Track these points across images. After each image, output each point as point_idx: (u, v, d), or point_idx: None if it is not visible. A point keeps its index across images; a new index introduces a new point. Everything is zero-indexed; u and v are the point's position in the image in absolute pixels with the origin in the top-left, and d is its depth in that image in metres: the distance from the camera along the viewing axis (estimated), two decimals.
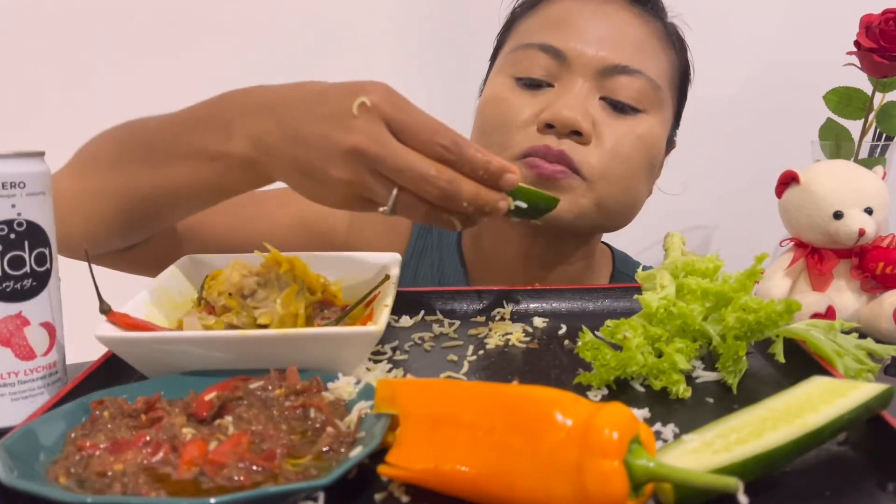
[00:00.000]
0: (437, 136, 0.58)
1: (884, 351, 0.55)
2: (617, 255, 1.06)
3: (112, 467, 0.42)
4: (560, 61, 0.82)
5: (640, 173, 0.85)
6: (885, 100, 1.00)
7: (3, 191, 0.53)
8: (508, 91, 0.83)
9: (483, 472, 0.40)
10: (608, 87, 0.82)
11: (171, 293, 0.67)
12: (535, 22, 0.87)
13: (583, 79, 0.81)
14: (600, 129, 0.81)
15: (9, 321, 0.54)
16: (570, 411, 0.39)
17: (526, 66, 0.83)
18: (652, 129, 0.84)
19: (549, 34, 0.83)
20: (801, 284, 0.77)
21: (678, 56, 0.90)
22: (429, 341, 0.67)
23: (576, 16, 0.84)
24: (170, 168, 0.69)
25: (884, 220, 0.75)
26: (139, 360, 0.57)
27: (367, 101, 0.57)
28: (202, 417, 0.49)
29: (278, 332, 0.54)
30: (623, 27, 0.84)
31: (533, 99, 0.82)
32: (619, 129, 0.81)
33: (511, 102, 0.82)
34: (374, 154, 0.57)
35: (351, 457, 0.43)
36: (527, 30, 0.87)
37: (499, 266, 0.94)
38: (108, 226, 0.75)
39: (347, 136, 0.57)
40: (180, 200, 0.72)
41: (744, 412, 0.45)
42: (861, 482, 0.43)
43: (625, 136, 0.81)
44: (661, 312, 0.58)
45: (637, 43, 0.84)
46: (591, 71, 0.81)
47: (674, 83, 0.90)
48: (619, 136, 0.81)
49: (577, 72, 0.81)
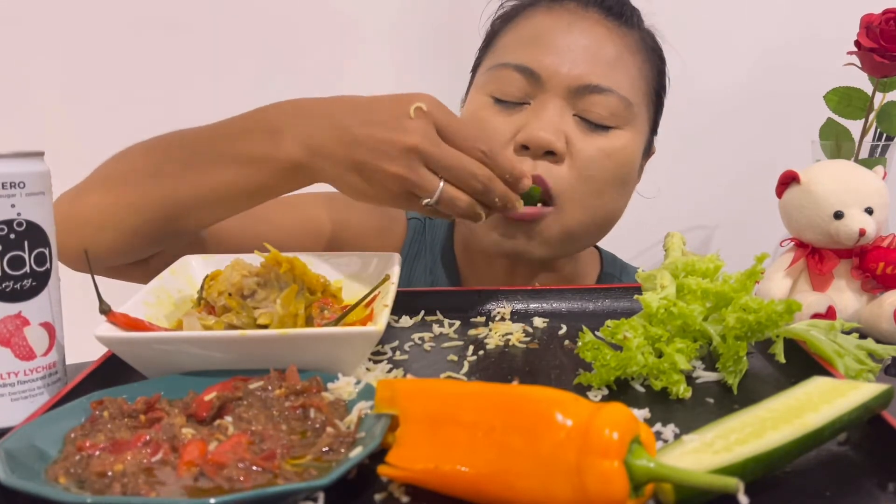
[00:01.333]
0: (478, 141, 0.68)
1: (884, 351, 0.55)
2: (605, 256, 1.07)
3: (112, 467, 0.42)
4: (534, 80, 0.84)
5: (610, 191, 0.87)
6: (885, 100, 1.00)
7: (3, 191, 0.53)
8: (486, 111, 0.86)
9: (483, 472, 0.40)
10: (581, 105, 0.84)
11: (171, 293, 0.67)
12: (512, 38, 0.89)
13: (556, 97, 0.84)
14: (573, 146, 0.83)
15: (9, 321, 0.54)
16: (570, 411, 0.39)
17: (502, 85, 0.85)
18: (625, 145, 0.86)
19: (524, 52, 0.86)
20: (801, 284, 0.77)
21: (653, 65, 0.92)
22: (429, 341, 0.67)
23: (550, 33, 0.86)
24: (214, 173, 0.73)
25: (884, 220, 0.75)
26: (139, 360, 0.57)
27: (423, 107, 0.67)
28: (202, 417, 0.49)
29: (278, 332, 0.54)
30: (597, 43, 0.86)
31: (510, 118, 0.85)
32: (591, 146, 0.84)
33: (488, 122, 0.85)
34: (429, 152, 0.66)
35: (351, 457, 0.43)
36: (504, 47, 0.89)
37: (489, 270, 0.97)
38: (143, 236, 0.78)
39: (406, 136, 0.66)
40: (221, 204, 0.76)
41: (744, 412, 0.45)
42: (861, 482, 0.43)
43: (596, 153, 0.84)
44: (662, 312, 0.58)
45: (610, 60, 0.86)
46: (564, 90, 0.84)
47: (649, 94, 0.91)
48: (590, 154, 0.84)
49: (551, 90, 0.84)
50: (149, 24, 1.41)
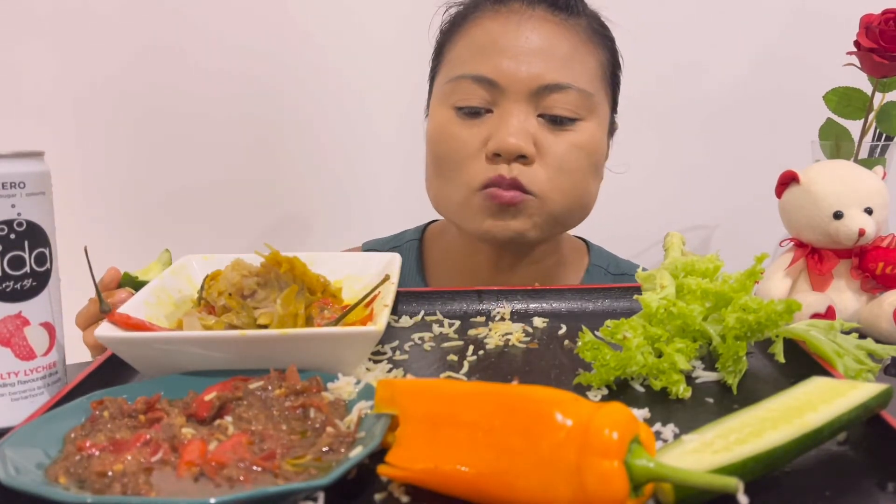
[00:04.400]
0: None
1: (884, 351, 0.55)
2: (592, 248, 1.09)
3: (112, 467, 0.42)
4: (494, 88, 0.86)
5: (586, 177, 0.90)
6: (885, 100, 1.00)
7: (3, 191, 0.53)
8: (452, 123, 0.89)
9: (483, 472, 0.40)
10: (543, 104, 0.86)
11: (172, 293, 0.67)
12: (464, 48, 0.90)
13: (519, 102, 0.86)
14: (542, 146, 0.86)
15: (9, 321, 0.54)
16: (570, 411, 0.39)
17: (463, 97, 0.88)
18: (592, 134, 0.89)
19: (478, 62, 0.87)
20: (801, 284, 0.77)
21: (605, 49, 0.93)
22: (429, 341, 0.67)
23: (501, 38, 0.87)
24: None
25: (884, 220, 0.75)
26: (139, 360, 0.57)
27: None
28: (202, 417, 0.49)
29: (278, 332, 0.54)
30: (548, 41, 0.88)
31: (476, 128, 0.87)
32: (560, 143, 0.87)
33: (457, 136, 0.88)
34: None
35: (351, 457, 0.43)
36: (457, 57, 0.91)
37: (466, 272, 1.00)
38: None
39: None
40: None
41: (743, 412, 0.45)
42: (861, 482, 0.43)
43: (566, 149, 0.87)
44: (661, 312, 0.58)
45: (564, 55, 0.87)
46: (524, 93, 0.86)
47: (605, 79, 0.93)
48: (561, 151, 0.87)
49: (512, 96, 0.86)
50: (149, 24, 1.41)
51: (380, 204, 1.54)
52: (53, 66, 1.39)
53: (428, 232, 1.10)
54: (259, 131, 1.48)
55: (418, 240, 1.08)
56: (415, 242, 1.08)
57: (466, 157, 0.87)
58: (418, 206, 1.13)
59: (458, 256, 1.01)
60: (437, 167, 0.91)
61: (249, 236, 1.50)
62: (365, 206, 1.55)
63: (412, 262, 1.05)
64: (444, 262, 1.04)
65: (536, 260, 0.98)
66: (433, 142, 0.91)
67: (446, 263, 1.04)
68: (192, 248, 0.79)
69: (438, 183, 0.92)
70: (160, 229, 1.46)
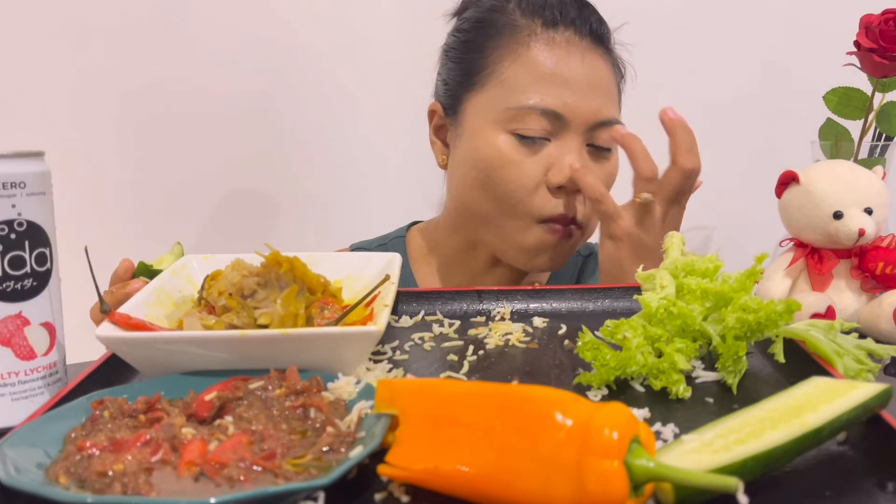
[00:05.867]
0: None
1: (883, 351, 0.55)
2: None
3: (112, 467, 0.42)
4: (558, 121, 0.91)
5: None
6: (884, 100, 1.00)
7: (3, 191, 0.53)
8: (512, 151, 0.91)
9: (483, 472, 0.40)
10: (593, 135, 0.93)
11: (172, 293, 0.67)
12: (522, 72, 0.92)
13: (577, 134, 0.92)
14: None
15: (9, 321, 0.54)
16: (570, 411, 0.39)
17: (526, 125, 0.91)
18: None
19: (544, 93, 0.90)
20: (801, 284, 0.77)
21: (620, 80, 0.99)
22: (429, 341, 0.67)
23: (564, 71, 0.91)
24: None
25: (884, 220, 0.75)
26: (139, 360, 0.57)
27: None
28: (202, 417, 0.49)
29: (278, 332, 0.54)
30: (600, 75, 0.93)
31: (536, 156, 0.91)
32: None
33: (520, 166, 0.91)
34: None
35: (351, 457, 0.43)
36: (516, 81, 0.92)
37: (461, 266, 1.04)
38: None
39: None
40: None
41: (743, 412, 0.45)
42: (861, 482, 0.43)
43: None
44: (661, 312, 0.58)
45: (610, 89, 0.95)
46: (583, 127, 0.92)
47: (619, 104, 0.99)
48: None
49: (573, 129, 0.91)
50: (150, 24, 1.41)
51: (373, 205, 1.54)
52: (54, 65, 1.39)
53: (412, 231, 1.13)
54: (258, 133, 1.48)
55: (403, 237, 1.11)
56: (401, 240, 1.11)
57: (529, 187, 0.91)
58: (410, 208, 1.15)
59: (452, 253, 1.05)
60: (490, 192, 0.93)
61: (249, 236, 1.50)
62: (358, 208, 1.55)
63: None
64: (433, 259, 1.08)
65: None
66: (488, 164, 0.92)
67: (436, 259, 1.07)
68: (192, 249, 0.79)
69: (491, 207, 0.93)
70: (160, 229, 1.46)
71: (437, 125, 1.02)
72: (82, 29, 1.40)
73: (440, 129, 1.01)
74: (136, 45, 1.41)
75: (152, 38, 1.41)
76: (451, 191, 1.01)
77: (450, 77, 0.99)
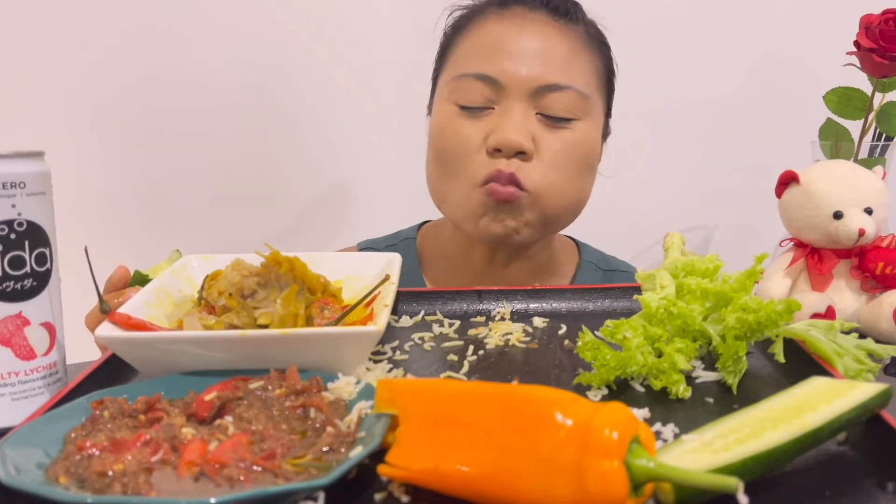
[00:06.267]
0: None
1: (883, 351, 0.55)
2: (582, 246, 1.11)
3: (112, 467, 0.42)
4: (496, 86, 0.89)
5: (580, 175, 0.93)
6: (884, 100, 1.00)
7: (3, 191, 0.53)
8: (455, 119, 0.91)
9: (483, 472, 0.40)
10: (542, 104, 0.90)
11: (172, 293, 0.67)
12: (468, 47, 0.94)
13: (519, 100, 0.89)
14: (539, 143, 0.89)
15: (9, 321, 0.54)
16: (570, 411, 0.39)
17: (466, 94, 0.91)
18: (586, 135, 0.92)
19: (483, 62, 0.90)
20: (801, 284, 0.77)
21: (601, 56, 0.97)
22: (429, 341, 0.67)
23: (504, 39, 0.91)
24: None
25: (884, 220, 0.75)
26: (139, 360, 0.57)
27: None
28: (202, 417, 0.49)
29: (278, 332, 0.54)
30: (549, 44, 0.91)
31: (478, 124, 0.90)
32: (556, 140, 0.90)
33: (459, 131, 0.91)
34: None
35: (351, 457, 0.43)
36: (462, 57, 0.94)
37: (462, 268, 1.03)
38: None
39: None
40: None
41: (743, 412, 0.45)
42: (861, 482, 0.43)
43: (562, 146, 0.90)
44: (661, 312, 0.58)
45: (564, 57, 0.91)
46: (525, 92, 0.89)
47: (601, 84, 0.97)
48: (556, 148, 0.90)
49: (513, 95, 0.89)
50: (149, 26, 1.41)
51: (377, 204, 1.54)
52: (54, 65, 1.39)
53: (423, 230, 1.12)
54: (258, 133, 1.48)
55: (414, 238, 1.10)
56: (412, 241, 1.09)
57: (468, 151, 0.90)
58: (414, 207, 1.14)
59: (454, 253, 1.03)
60: (438, 162, 0.94)
61: (248, 236, 1.50)
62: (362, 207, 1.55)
63: (411, 260, 1.06)
64: (441, 260, 1.06)
65: (529, 256, 1.01)
66: (436, 137, 0.94)
67: (443, 260, 1.06)
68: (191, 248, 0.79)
69: (440, 177, 0.94)
70: (160, 229, 1.46)
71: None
72: (82, 29, 1.40)
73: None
74: (135, 46, 1.41)
75: (152, 39, 1.41)
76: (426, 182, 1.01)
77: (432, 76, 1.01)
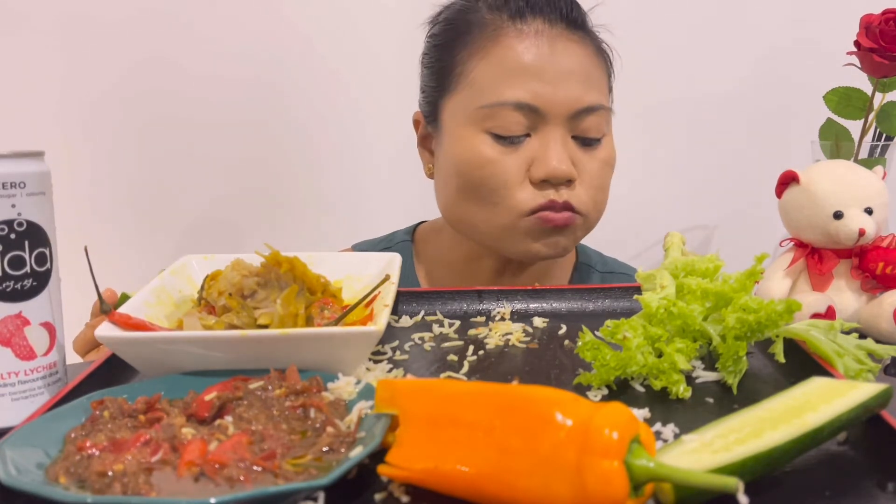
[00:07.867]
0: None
1: (884, 351, 0.55)
2: (579, 248, 1.10)
3: (112, 467, 0.42)
4: (534, 114, 0.87)
5: (609, 187, 0.94)
6: (884, 100, 1.00)
7: (3, 191, 0.53)
8: (490, 149, 0.87)
9: (483, 471, 0.40)
10: (580, 127, 0.88)
11: (172, 293, 0.67)
12: (493, 70, 0.88)
13: (556, 125, 0.87)
14: (579, 166, 0.89)
15: (9, 321, 0.54)
16: (570, 411, 0.39)
17: (503, 124, 0.87)
18: (611, 147, 0.93)
19: (517, 88, 0.86)
20: (801, 284, 0.77)
21: (607, 62, 0.95)
22: (429, 341, 0.67)
23: (534, 61, 0.87)
24: None
25: (884, 220, 0.75)
26: (139, 360, 0.57)
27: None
28: (202, 417, 0.49)
29: (278, 332, 0.54)
30: (576, 61, 0.88)
31: (516, 154, 0.87)
32: (593, 161, 0.90)
33: (499, 164, 0.87)
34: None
35: (351, 457, 0.43)
36: (486, 80, 0.88)
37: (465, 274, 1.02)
38: None
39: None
40: None
41: (743, 412, 0.45)
42: (861, 482, 0.43)
43: (599, 167, 0.90)
44: (661, 312, 0.58)
45: (589, 75, 0.89)
46: (563, 117, 0.87)
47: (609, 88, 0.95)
48: (595, 170, 0.90)
49: (552, 121, 0.87)
50: (151, 25, 1.41)
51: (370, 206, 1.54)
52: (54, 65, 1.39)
53: (419, 233, 1.10)
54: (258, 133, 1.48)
55: (409, 241, 1.08)
56: (407, 243, 1.07)
57: (511, 184, 0.87)
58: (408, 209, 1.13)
59: (457, 261, 1.02)
60: (472, 192, 0.89)
61: (249, 236, 1.50)
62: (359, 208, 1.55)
63: (407, 263, 1.05)
64: (441, 266, 1.04)
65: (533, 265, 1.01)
66: (468, 167, 0.89)
67: (443, 267, 1.04)
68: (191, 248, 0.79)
69: (472, 208, 0.90)
70: (160, 228, 1.46)
71: (422, 135, 0.98)
72: (82, 29, 1.40)
73: (425, 138, 0.98)
74: (137, 46, 1.41)
75: (153, 38, 1.41)
76: (438, 201, 0.97)
77: (426, 83, 0.96)
